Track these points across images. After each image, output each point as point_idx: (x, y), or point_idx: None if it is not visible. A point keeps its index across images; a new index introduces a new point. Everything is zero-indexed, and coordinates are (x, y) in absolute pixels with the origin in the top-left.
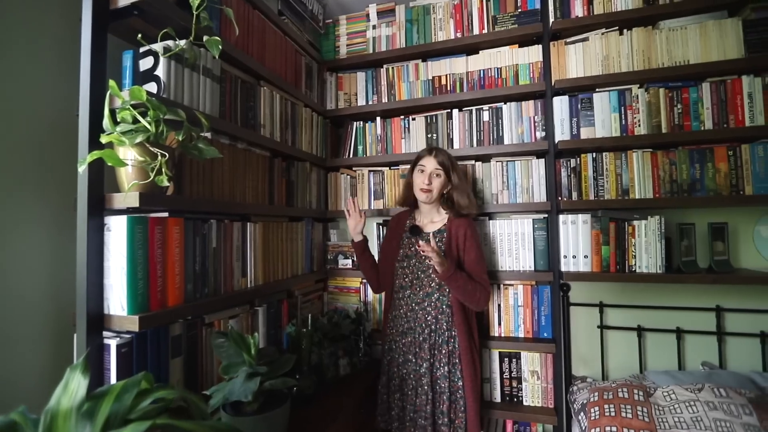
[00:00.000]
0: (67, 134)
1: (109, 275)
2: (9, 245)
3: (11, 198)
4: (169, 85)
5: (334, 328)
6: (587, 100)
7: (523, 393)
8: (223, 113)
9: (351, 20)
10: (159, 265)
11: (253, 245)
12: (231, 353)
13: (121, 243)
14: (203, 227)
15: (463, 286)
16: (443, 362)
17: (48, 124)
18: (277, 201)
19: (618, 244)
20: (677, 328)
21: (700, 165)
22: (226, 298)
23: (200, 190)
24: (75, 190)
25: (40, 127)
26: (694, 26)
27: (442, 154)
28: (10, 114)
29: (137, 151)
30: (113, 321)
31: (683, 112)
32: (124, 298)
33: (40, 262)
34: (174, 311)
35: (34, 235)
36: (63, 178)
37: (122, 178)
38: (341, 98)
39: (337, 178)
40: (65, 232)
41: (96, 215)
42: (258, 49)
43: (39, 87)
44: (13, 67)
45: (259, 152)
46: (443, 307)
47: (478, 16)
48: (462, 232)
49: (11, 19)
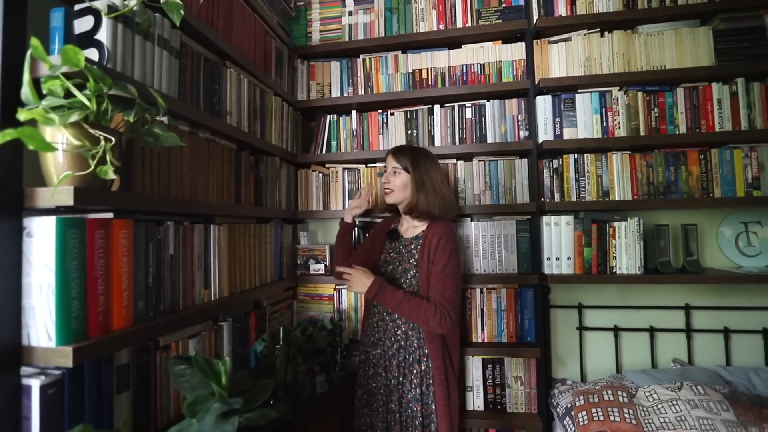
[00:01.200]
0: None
1: (30, 295)
2: None
3: None
4: (114, 54)
5: (309, 342)
6: (570, 100)
7: (507, 400)
8: (183, 94)
9: (324, 5)
10: (101, 279)
11: (217, 251)
12: (195, 383)
13: (47, 252)
14: (158, 231)
15: (394, 306)
16: (415, 383)
17: None
18: (244, 200)
19: (600, 245)
20: (650, 327)
21: (675, 168)
22: (186, 315)
23: (155, 185)
24: None
25: None
26: (670, 32)
27: (403, 151)
28: None
29: (72, 134)
30: (35, 354)
31: (659, 115)
32: (52, 324)
33: None
34: (121, 336)
35: None
36: None
37: (50, 168)
38: (313, 88)
39: (308, 175)
40: None
41: (11, 216)
42: (224, 24)
43: None
44: None
45: (225, 143)
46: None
47: (461, 8)
48: (435, 241)
49: None
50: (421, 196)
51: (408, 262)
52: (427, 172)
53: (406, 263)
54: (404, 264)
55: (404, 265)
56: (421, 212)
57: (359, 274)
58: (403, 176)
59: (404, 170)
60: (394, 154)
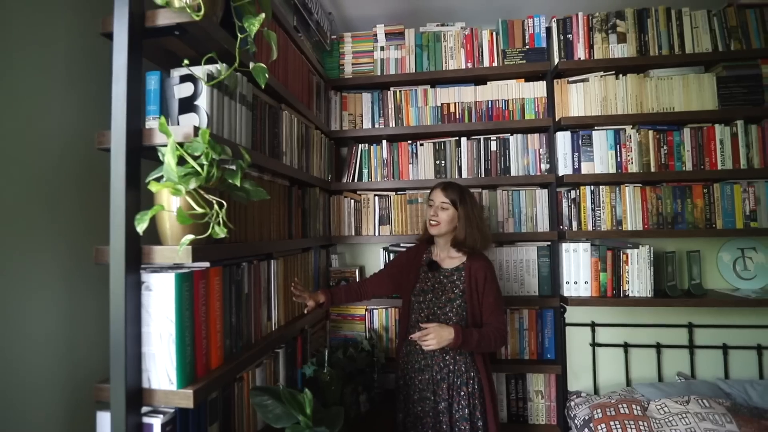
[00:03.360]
0: (82, 172)
1: (150, 343)
2: (7, 307)
3: (9, 249)
4: (212, 118)
5: (350, 363)
6: (587, 136)
7: (529, 412)
8: (254, 143)
9: (357, 39)
10: (203, 324)
11: (276, 284)
12: (278, 413)
13: (167, 305)
14: (237, 272)
15: (476, 345)
16: (463, 404)
17: (56, 159)
18: (294, 233)
19: (614, 270)
20: (657, 344)
21: (681, 200)
22: (259, 349)
23: (238, 233)
24: (86, 237)
25: (43, 162)
26: (678, 77)
27: (453, 188)
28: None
29: (192, 199)
30: (157, 396)
31: (668, 152)
32: (173, 369)
33: (48, 327)
34: (220, 374)
35: (38, 295)
36: (74, 222)
37: (165, 227)
38: (346, 119)
39: (341, 201)
40: (78, 290)
41: (132, 271)
42: (282, 71)
43: (44, 112)
44: (12, 88)
45: (281, 182)
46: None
47: (488, 48)
48: (482, 275)
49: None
50: (468, 230)
51: (452, 292)
52: (472, 209)
53: (450, 293)
54: (447, 294)
55: (448, 295)
56: (468, 246)
57: (438, 330)
58: (451, 211)
59: (452, 205)
60: (444, 189)
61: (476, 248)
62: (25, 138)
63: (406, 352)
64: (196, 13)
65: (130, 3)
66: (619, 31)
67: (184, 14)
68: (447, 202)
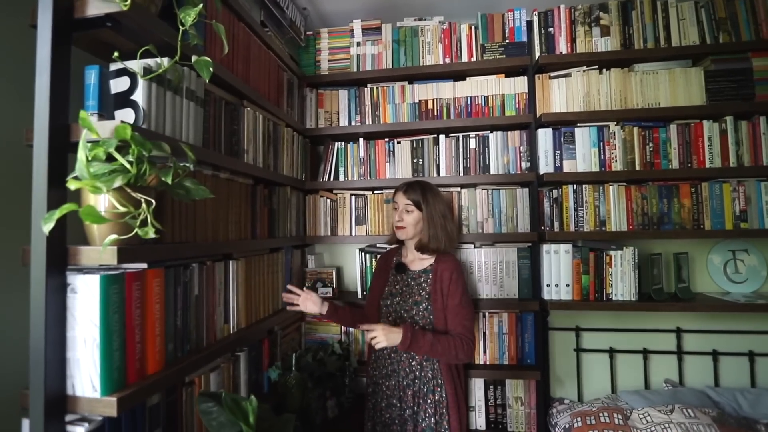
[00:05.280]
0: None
1: (75, 348)
2: None
3: None
4: (149, 113)
5: (320, 367)
6: (569, 134)
7: (508, 419)
8: (207, 141)
9: (333, 34)
10: (137, 328)
11: (235, 286)
12: (222, 421)
13: (91, 308)
14: (185, 274)
15: (429, 349)
16: (429, 413)
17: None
18: (259, 233)
19: (597, 273)
20: (644, 349)
21: (668, 200)
22: (209, 353)
23: (183, 232)
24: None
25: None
26: (664, 72)
27: (414, 188)
28: None
29: (115, 197)
30: (80, 404)
31: (654, 150)
32: (97, 375)
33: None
34: (155, 380)
35: None
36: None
37: (92, 228)
38: (322, 116)
39: (316, 200)
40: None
41: (57, 274)
42: (242, 66)
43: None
44: None
45: (242, 181)
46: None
47: (466, 43)
48: (447, 275)
49: None
50: (432, 232)
51: (419, 294)
52: (435, 208)
53: (417, 296)
54: (414, 296)
55: (414, 298)
56: (432, 249)
57: (385, 330)
58: (416, 214)
59: (416, 207)
60: (405, 192)
61: (440, 249)
62: None
63: (375, 357)
64: (123, 3)
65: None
66: (603, 23)
67: (113, 4)
68: (410, 204)
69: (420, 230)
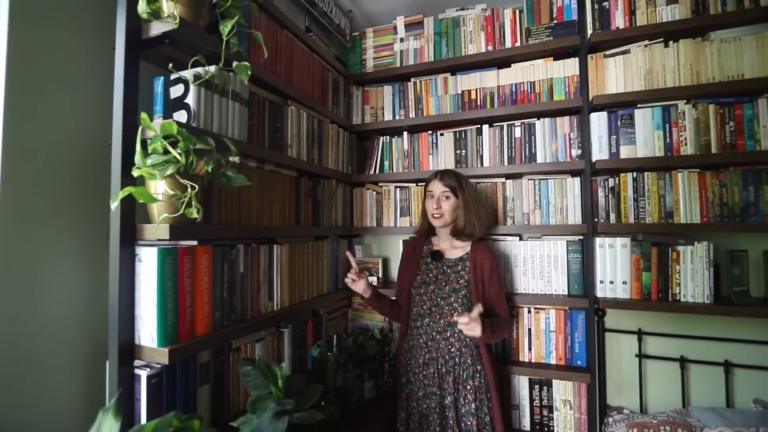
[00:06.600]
0: (101, 163)
1: (140, 306)
2: (42, 274)
3: (45, 226)
4: (198, 113)
5: (360, 350)
6: (628, 116)
7: (555, 423)
8: (251, 136)
9: (378, 33)
10: (188, 295)
11: (279, 268)
12: (258, 383)
13: (151, 275)
14: (231, 253)
15: (497, 335)
16: (469, 399)
17: (82, 153)
18: (303, 221)
19: (660, 270)
20: (726, 362)
21: (755, 187)
22: (253, 324)
23: (228, 216)
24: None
25: (73, 155)
26: (750, 37)
27: (449, 175)
28: (43, 142)
29: (167, 184)
30: (144, 352)
31: (736, 130)
32: (154, 330)
33: (73, 292)
34: (202, 340)
35: (67, 265)
36: (96, 206)
37: (153, 209)
38: (368, 112)
39: (363, 193)
40: (98, 262)
41: (128, 246)
42: (286, 69)
43: (72, 114)
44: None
45: (286, 173)
46: (467, 339)
47: (510, 28)
48: (487, 265)
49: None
50: (467, 218)
51: (457, 282)
52: (469, 194)
53: (455, 283)
54: (452, 284)
55: (452, 285)
56: (467, 234)
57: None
58: (453, 200)
59: (453, 194)
60: (441, 179)
61: (475, 235)
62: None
63: (408, 348)
64: (174, 21)
65: (127, 20)
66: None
67: (168, 24)
68: (447, 190)
69: (456, 217)
